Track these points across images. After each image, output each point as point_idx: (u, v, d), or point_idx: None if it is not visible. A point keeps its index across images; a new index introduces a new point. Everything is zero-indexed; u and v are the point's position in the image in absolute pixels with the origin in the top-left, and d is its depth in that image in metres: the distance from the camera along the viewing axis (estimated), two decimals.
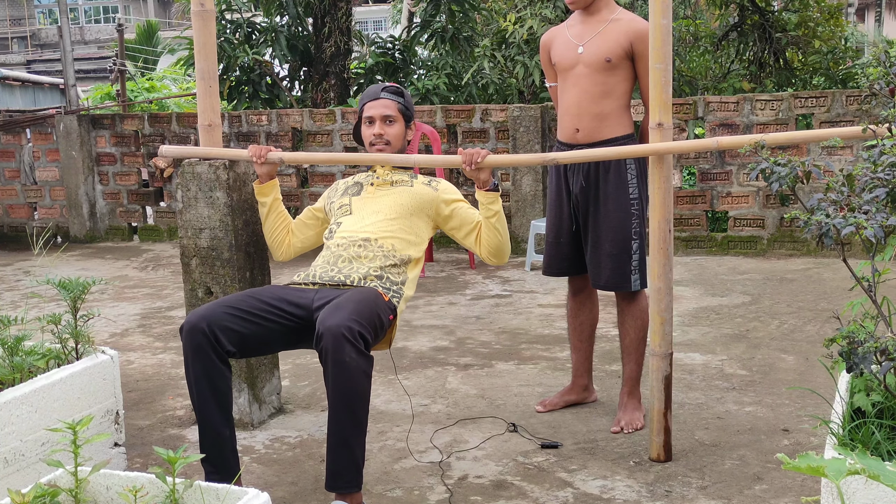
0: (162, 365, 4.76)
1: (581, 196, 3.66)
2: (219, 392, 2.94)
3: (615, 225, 3.60)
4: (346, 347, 2.72)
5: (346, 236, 3.32)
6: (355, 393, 2.77)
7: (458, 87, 9.62)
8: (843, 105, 6.79)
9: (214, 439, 2.95)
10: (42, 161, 9.14)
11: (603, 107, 3.60)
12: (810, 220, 2.26)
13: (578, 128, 3.63)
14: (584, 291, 3.87)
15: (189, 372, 2.93)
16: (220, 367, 2.93)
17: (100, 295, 6.40)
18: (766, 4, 9.97)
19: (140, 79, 17.08)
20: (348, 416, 2.79)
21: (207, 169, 3.66)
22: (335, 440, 2.80)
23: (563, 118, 3.71)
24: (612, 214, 3.60)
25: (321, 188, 8.23)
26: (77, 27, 37.85)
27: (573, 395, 3.94)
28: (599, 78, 3.58)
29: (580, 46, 3.61)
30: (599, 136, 3.60)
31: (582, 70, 3.61)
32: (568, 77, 3.67)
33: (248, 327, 2.97)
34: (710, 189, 7.21)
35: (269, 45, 9.70)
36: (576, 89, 3.63)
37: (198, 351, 2.89)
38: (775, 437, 3.49)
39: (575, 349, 3.94)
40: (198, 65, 3.71)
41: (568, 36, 3.68)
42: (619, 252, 3.59)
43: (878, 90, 2.52)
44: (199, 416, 2.95)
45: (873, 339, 2.15)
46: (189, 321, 2.92)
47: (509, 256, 3.45)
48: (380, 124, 3.43)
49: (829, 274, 6.28)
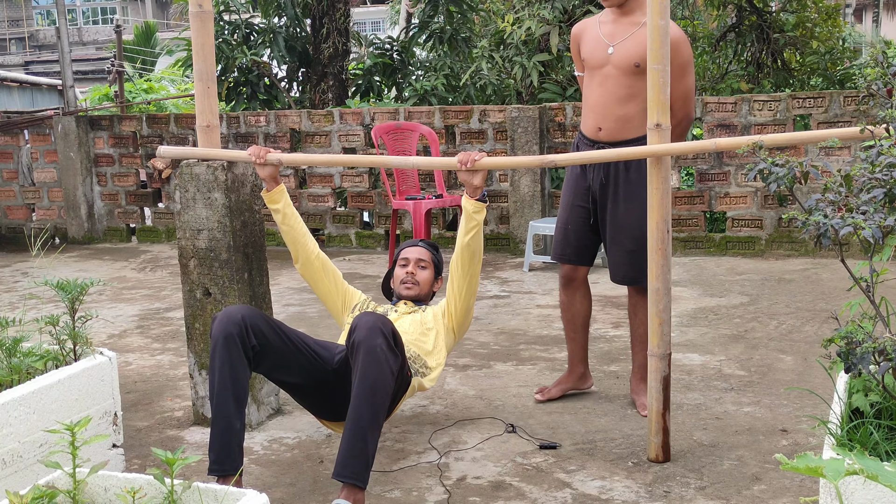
0: (160, 366, 4.75)
1: (601, 192, 3.75)
2: (238, 384, 3.02)
3: (634, 222, 3.65)
4: (379, 338, 2.90)
5: None
6: (379, 385, 2.90)
7: (457, 88, 9.63)
8: (841, 106, 6.80)
9: (225, 430, 2.99)
10: (40, 162, 9.14)
11: (627, 109, 3.64)
12: (808, 220, 2.26)
13: (601, 127, 3.70)
14: (575, 281, 3.95)
15: (214, 359, 3.02)
16: (244, 361, 3.04)
17: (98, 296, 6.40)
18: (763, 5, 9.97)
19: (138, 80, 17.06)
20: (369, 408, 2.89)
21: (206, 170, 3.65)
22: (352, 429, 2.88)
23: (587, 114, 3.78)
24: (632, 212, 3.66)
25: (319, 189, 8.23)
26: (75, 28, 37.83)
27: (570, 382, 4.03)
28: (626, 81, 3.63)
29: (611, 47, 3.66)
30: (621, 137, 3.66)
31: (610, 71, 3.66)
32: (595, 75, 3.72)
33: (276, 339, 3.12)
34: (708, 190, 7.21)
35: (268, 46, 9.70)
36: (602, 89, 3.69)
37: (228, 339, 3.00)
38: (774, 438, 3.49)
39: (570, 339, 4.03)
40: (196, 66, 3.71)
41: (599, 33, 3.72)
42: (638, 248, 3.59)
43: (875, 91, 2.52)
44: (215, 404, 3.02)
45: (871, 340, 2.15)
46: (227, 310, 3.09)
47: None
48: (413, 266, 3.72)
49: (827, 274, 6.28)
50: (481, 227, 3.45)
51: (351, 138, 8.10)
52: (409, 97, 9.37)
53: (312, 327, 5.19)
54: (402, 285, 3.71)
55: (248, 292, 3.73)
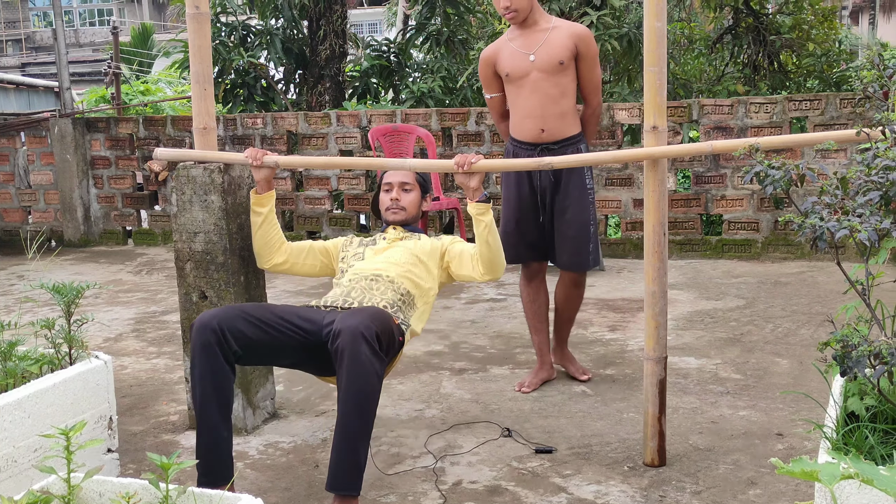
0: (156, 370, 4.75)
1: (550, 189, 4.06)
2: (221, 393, 2.98)
3: (578, 213, 4.05)
4: (362, 345, 2.82)
5: (358, 272, 3.46)
6: (367, 393, 2.85)
7: (454, 91, 9.62)
8: (837, 108, 6.80)
9: (212, 440, 2.96)
10: (36, 165, 9.12)
11: (563, 106, 3.99)
12: (804, 223, 2.26)
13: (543, 128, 4.00)
14: (538, 277, 4.27)
15: (195, 369, 2.98)
16: (226, 368, 2.99)
17: (94, 299, 6.39)
18: (760, 7, 9.99)
19: (135, 82, 17.06)
20: (357, 416, 2.85)
21: (202, 172, 3.65)
22: (342, 439, 2.85)
23: (523, 121, 4.05)
24: (577, 204, 4.04)
25: (316, 192, 8.23)
26: (72, 30, 37.80)
27: (544, 372, 4.26)
28: (555, 80, 3.96)
29: (531, 55, 3.96)
30: (562, 135, 4.02)
31: (537, 76, 3.96)
32: (524, 85, 4.00)
33: (258, 334, 3.04)
34: (704, 192, 7.21)
35: (265, 48, 9.69)
36: (535, 94, 3.98)
37: (206, 348, 2.95)
38: (769, 442, 3.49)
39: (536, 331, 4.30)
40: (193, 68, 3.70)
41: (514, 48, 4.02)
42: (580, 234, 4.06)
43: (871, 93, 2.52)
44: (199, 415, 2.98)
45: (867, 343, 2.15)
46: (201, 319, 3.00)
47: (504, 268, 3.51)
48: (397, 191, 3.64)
49: (823, 277, 6.29)
50: (493, 226, 3.36)
51: (348, 140, 8.10)
52: (406, 99, 9.36)
53: None
54: (388, 212, 3.64)
55: (245, 295, 3.72)
